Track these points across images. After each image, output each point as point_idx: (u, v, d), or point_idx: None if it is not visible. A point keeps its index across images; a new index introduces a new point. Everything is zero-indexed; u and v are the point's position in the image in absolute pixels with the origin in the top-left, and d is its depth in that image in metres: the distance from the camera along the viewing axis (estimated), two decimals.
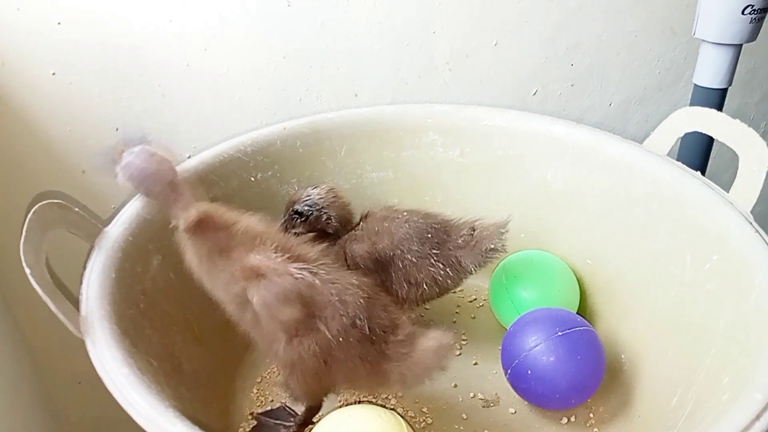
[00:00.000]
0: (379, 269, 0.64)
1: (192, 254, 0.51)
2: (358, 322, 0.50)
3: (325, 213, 0.64)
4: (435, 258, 0.64)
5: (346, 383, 0.54)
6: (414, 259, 0.63)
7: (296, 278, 0.49)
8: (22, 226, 0.49)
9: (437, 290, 0.65)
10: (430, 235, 0.64)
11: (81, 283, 0.54)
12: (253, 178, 0.73)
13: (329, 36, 0.80)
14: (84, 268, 0.55)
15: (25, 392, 0.79)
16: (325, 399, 0.59)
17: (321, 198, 0.64)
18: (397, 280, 0.64)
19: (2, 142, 0.74)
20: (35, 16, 0.69)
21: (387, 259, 0.63)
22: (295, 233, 0.63)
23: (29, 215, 0.51)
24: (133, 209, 0.62)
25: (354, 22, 0.80)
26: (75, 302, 0.52)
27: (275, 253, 0.50)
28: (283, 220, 0.65)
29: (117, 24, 0.72)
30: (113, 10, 0.71)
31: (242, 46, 0.78)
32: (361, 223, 0.66)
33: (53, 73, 0.72)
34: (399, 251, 0.63)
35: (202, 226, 0.49)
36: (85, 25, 0.71)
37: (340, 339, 0.50)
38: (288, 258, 0.50)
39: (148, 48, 0.74)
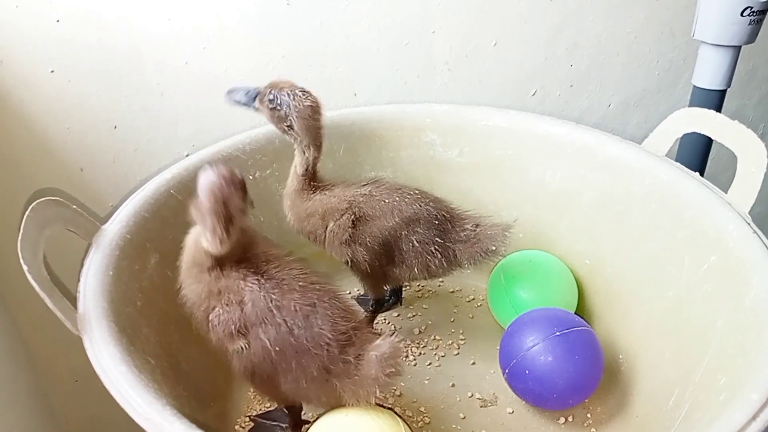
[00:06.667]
0: (383, 250, 0.64)
1: (191, 249, 0.51)
2: (296, 330, 0.48)
3: (290, 118, 0.61)
4: (436, 246, 0.63)
5: (298, 395, 0.52)
6: (416, 243, 0.63)
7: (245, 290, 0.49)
8: (20, 224, 0.49)
9: (426, 275, 0.65)
10: (437, 221, 0.64)
11: (78, 280, 0.54)
12: (251, 177, 0.73)
13: (328, 35, 0.80)
14: (81, 265, 0.55)
15: (22, 390, 0.79)
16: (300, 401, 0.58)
17: (292, 104, 0.61)
18: (393, 261, 0.64)
19: (0, 139, 0.73)
20: (34, 14, 0.68)
21: (394, 238, 0.63)
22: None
23: (27, 212, 0.51)
24: (130, 207, 0.62)
25: (353, 21, 0.80)
26: (72, 300, 0.52)
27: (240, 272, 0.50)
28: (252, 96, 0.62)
29: (116, 22, 0.72)
30: (112, 8, 0.71)
31: (241, 45, 0.78)
32: (369, 187, 0.65)
33: (52, 71, 0.72)
34: (405, 232, 0.63)
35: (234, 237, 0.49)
36: (83, 23, 0.71)
37: (277, 348, 0.48)
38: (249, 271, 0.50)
39: (147, 46, 0.74)
